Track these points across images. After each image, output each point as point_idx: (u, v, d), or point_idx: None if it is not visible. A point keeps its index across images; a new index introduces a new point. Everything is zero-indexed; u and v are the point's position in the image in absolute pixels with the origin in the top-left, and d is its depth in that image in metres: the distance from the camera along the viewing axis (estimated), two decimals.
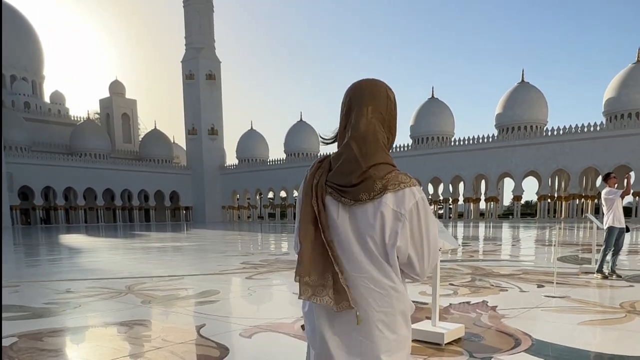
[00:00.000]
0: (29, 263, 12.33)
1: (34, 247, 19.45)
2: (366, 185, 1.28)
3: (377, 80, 1.41)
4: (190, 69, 70.68)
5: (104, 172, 62.55)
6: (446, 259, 10.66)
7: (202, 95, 70.50)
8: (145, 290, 6.97)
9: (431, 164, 53.95)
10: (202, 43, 69.91)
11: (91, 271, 9.53)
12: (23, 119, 63.54)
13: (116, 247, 18.08)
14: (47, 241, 23.58)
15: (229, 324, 4.78)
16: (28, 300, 6.40)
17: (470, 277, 7.76)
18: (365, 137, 1.33)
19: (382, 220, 1.28)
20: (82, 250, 16.52)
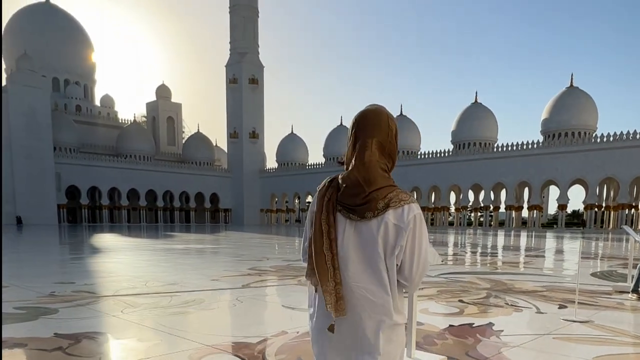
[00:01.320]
0: (40, 262, 12.21)
1: (59, 245, 19.65)
2: (370, 206, 1.48)
3: (381, 112, 1.58)
4: (234, 74, 71.36)
5: (147, 173, 63.90)
6: (466, 271, 9.83)
7: (244, 99, 71.01)
8: (130, 296, 6.53)
9: (472, 170, 52.28)
10: (246, 48, 70.49)
11: (95, 272, 9.24)
12: (73, 122, 65.72)
13: (140, 247, 17.97)
14: (78, 240, 23.90)
15: (185, 342, 4.21)
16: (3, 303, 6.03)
17: (486, 293, 6.94)
18: (368, 167, 1.53)
19: (385, 234, 1.48)
20: (104, 250, 16.46)
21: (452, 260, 12.77)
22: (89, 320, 5.13)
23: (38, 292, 6.88)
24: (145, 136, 70.92)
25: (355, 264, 1.50)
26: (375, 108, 1.58)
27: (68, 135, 61.82)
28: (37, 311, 5.55)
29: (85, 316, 5.34)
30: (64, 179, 57.10)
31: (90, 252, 15.97)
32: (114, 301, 6.21)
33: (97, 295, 6.67)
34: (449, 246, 20.07)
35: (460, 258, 13.73)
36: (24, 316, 5.29)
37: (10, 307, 5.70)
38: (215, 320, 5.47)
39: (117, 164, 62.15)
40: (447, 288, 7.43)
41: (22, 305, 5.84)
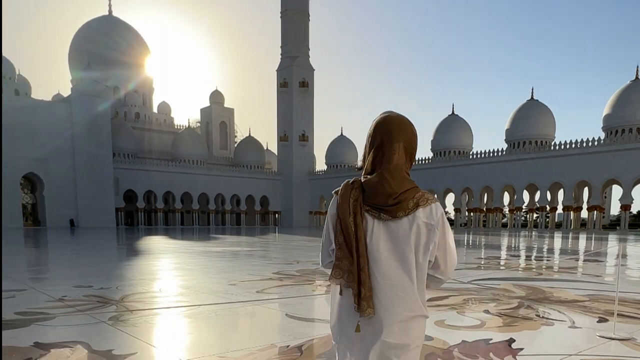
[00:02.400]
0: (71, 264, 12.33)
1: (103, 247, 20.05)
2: (402, 206, 1.57)
3: (404, 118, 1.68)
4: (285, 77, 71.84)
5: (200, 177, 65.30)
6: (503, 276, 9.03)
7: (294, 102, 71.33)
8: (134, 302, 6.28)
9: (527, 169, 50.07)
10: (296, 52, 70.82)
11: (117, 276, 9.13)
12: (132, 128, 68.14)
13: (178, 250, 18.03)
14: (124, 242, 24.38)
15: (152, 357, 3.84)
16: (7, 307, 5.91)
17: (517, 303, 6.22)
18: (395, 169, 1.61)
19: (417, 231, 1.57)
20: (141, 253, 16.58)
21: (491, 264, 11.92)
22: (77, 328, 4.87)
23: (51, 296, 6.75)
24: (198, 141, 72.55)
25: (386, 262, 1.57)
26: (397, 114, 1.67)
27: (126, 142, 64.12)
28: (35, 317, 5.36)
29: (78, 323, 5.09)
30: (122, 184, 59.22)
31: (126, 255, 16.14)
32: (117, 307, 5.97)
33: (105, 300, 6.45)
34: (494, 249, 19.00)
35: (500, 261, 12.82)
36: (19, 323, 5.10)
37: (12, 312, 5.56)
38: (197, 332, 5.09)
39: (172, 168, 63.89)
40: (475, 296, 6.76)
41: (25, 311, 5.68)
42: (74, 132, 54.76)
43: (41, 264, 12.61)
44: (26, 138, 51.30)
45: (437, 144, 62.32)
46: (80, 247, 20.08)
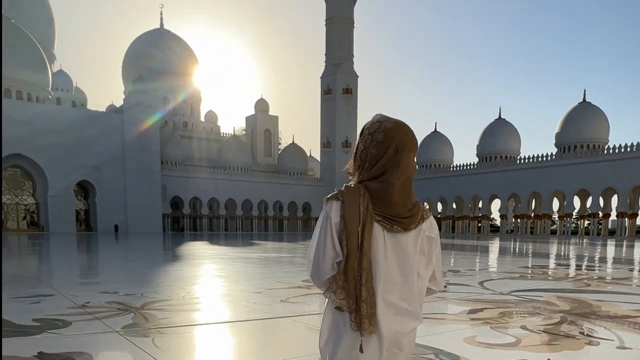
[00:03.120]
0: (105, 269, 12.40)
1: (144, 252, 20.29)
2: (414, 218, 1.54)
3: (410, 127, 1.60)
4: (329, 84, 71.97)
5: (243, 184, 66.08)
6: (546, 287, 8.36)
7: (337, 109, 71.27)
8: (154, 310, 6.09)
9: (578, 174, 47.93)
10: (341, 58, 70.84)
11: (146, 281, 9.03)
12: (180, 137, 69.77)
13: (215, 256, 18.01)
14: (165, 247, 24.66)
15: None
16: (28, 313, 5.83)
17: (560, 318, 5.64)
18: (409, 179, 1.55)
19: (422, 244, 1.56)
20: (179, 258, 16.62)
21: (536, 273, 11.18)
22: (87, 338, 4.69)
23: (74, 302, 6.67)
24: (243, 148, 73.49)
25: (393, 275, 1.52)
26: (404, 123, 1.56)
27: (174, 150, 65.66)
28: (50, 324, 5.23)
29: (89, 332, 4.92)
30: (169, 190, 60.62)
31: (163, 260, 16.19)
32: (134, 315, 5.79)
33: (126, 307, 6.30)
34: (540, 257, 18.01)
35: (546, 271, 12.02)
36: (32, 330, 4.97)
37: (30, 318, 5.47)
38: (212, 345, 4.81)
39: (217, 175, 64.97)
40: (514, 309, 6.21)
41: (43, 317, 5.58)
42: (125, 141, 56.54)
43: (77, 269, 12.77)
44: (81, 147, 53.33)
45: (483, 148, 60.69)
46: (120, 252, 20.42)
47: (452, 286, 8.37)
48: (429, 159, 66.23)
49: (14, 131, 49.14)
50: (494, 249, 25.08)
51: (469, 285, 8.47)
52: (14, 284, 9.09)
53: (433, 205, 64.68)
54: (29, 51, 55.75)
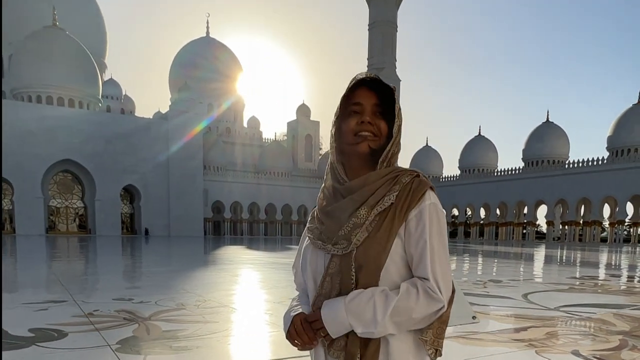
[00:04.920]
0: (127, 274, 12.12)
1: (171, 256, 20.13)
2: None
3: None
4: None
5: (284, 189, 66.13)
6: (600, 302, 7.39)
7: None
8: (161, 321, 5.59)
9: (632, 179, 45.53)
10: (383, 63, 70.08)
11: (164, 288, 8.60)
12: (222, 142, 70.54)
13: (247, 261, 17.61)
14: (198, 251, 24.53)
15: None
16: (27, 322, 5.45)
17: (619, 341, 4.78)
18: None
19: None
20: (209, 263, 16.32)
21: (586, 285, 10.11)
22: (76, 353, 4.23)
23: (83, 310, 6.28)
24: (284, 154, 73.58)
25: None
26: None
27: (216, 155, 66.39)
28: (44, 336, 4.81)
29: (82, 346, 4.46)
30: (211, 195, 61.29)
31: (193, 264, 15.83)
32: (138, 327, 5.31)
33: (133, 317, 5.85)
34: (591, 267, 16.67)
35: (598, 282, 10.89)
36: (22, 342, 4.55)
37: (27, 328, 5.07)
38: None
39: (257, 180, 65.23)
40: (562, 329, 5.37)
41: (41, 327, 5.18)
42: (170, 147, 57.54)
43: (102, 273, 12.56)
44: (128, 153, 54.66)
45: (529, 152, 58.47)
46: (154, 256, 20.32)
47: (493, 299, 7.56)
48: (473, 164, 64.31)
49: (65, 138, 50.92)
50: (540, 257, 23.68)
51: (512, 298, 7.64)
52: (32, 288, 8.87)
53: (476, 211, 62.69)
54: (82, 61, 57.72)
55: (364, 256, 1.20)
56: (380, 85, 1.29)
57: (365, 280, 1.20)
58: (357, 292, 1.19)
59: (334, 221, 1.26)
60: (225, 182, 62.80)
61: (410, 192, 1.21)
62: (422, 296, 1.16)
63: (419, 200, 1.21)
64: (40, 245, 27.21)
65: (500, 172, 61.65)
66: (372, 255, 1.20)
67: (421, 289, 1.17)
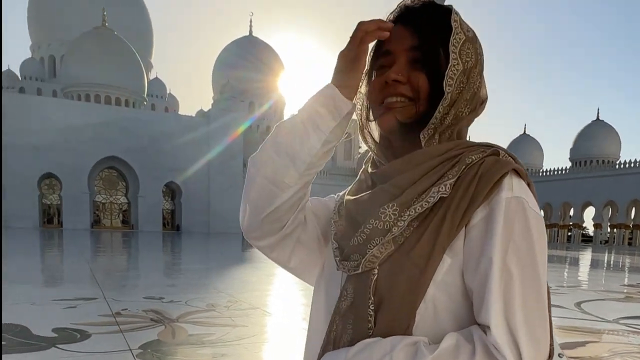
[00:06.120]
0: (158, 272, 12.03)
1: (209, 253, 20.11)
2: None
3: None
4: None
5: (322, 187, 65.29)
6: None
7: None
8: (188, 324, 5.33)
9: None
10: None
11: (198, 287, 8.40)
12: (262, 140, 70.73)
13: None
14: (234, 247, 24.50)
15: None
16: (53, 320, 5.29)
17: None
18: None
19: None
20: (246, 260, 16.13)
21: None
22: (94, 357, 3.99)
23: (111, 308, 6.10)
24: None
25: None
26: None
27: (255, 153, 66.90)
28: (67, 337, 4.61)
29: (102, 350, 4.22)
30: None
31: (229, 262, 15.68)
32: (164, 328, 5.06)
33: (160, 317, 5.61)
34: None
35: None
36: (43, 344, 4.35)
37: (50, 328, 4.89)
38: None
39: None
40: (627, 345, 4.79)
41: (65, 327, 4.98)
42: (211, 145, 58.30)
43: (138, 269, 12.55)
44: (170, 150, 55.71)
45: (577, 152, 56.23)
46: (189, 252, 20.37)
47: None
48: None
49: (111, 135, 52.34)
50: (586, 261, 22.47)
51: (563, 307, 7.01)
52: (66, 283, 8.86)
53: None
54: (129, 61, 59.48)
55: (387, 283, 0.74)
56: (429, 17, 0.80)
57: (388, 323, 0.73)
58: (366, 342, 0.73)
59: (351, 221, 0.81)
60: None
61: (476, 178, 0.72)
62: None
63: (491, 192, 0.71)
64: (84, 239, 27.87)
65: (545, 172, 59.56)
66: (400, 283, 0.72)
67: (480, 347, 0.66)
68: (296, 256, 0.94)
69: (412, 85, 0.79)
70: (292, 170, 0.81)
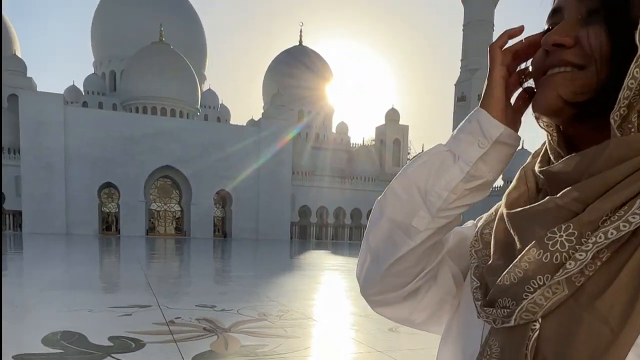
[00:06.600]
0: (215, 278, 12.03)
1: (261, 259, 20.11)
2: None
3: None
4: (463, 91, 69.40)
5: (370, 193, 65.37)
6: None
7: None
8: (241, 334, 5.21)
9: None
10: (477, 64, 67.91)
11: (249, 295, 8.31)
12: (310, 148, 71.32)
13: (336, 266, 17.14)
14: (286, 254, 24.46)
15: None
16: (109, 329, 5.30)
17: None
18: None
19: None
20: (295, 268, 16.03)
21: None
22: None
23: (165, 316, 6.09)
24: (371, 159, 72.88)
25: None
26: None
27: (304, 160, 67.12)
28: (122, 346, 4.58)
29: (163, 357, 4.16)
30: (298, 200, 62.05)
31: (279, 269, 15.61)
32: (217, 339, 4.96)
33: (213, 326, 5.53)
34: None
35: None
36: (101, 351, 4.34)
37: (107, 336, 4.89)
38: None
39: (344, 185, 65.25)
40: None
41: (121, 335, 4.98)
42: (261, 153, 59.08)
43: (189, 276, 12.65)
44: (223, 159, 56.85)
45: None
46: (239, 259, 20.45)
47: None
48: None
49: (166, 145, 54.03)
50: None
51: None
52: (122, 289, 8.98)
53: None
54: (184, 74, 61.50)
55: (556, 345, 0.48)
56: None
57: None
58: None
59: (501, 249, 0.59)
60: (312, 187, 63.33)
61: None
62: None
63: None
64: (139, 246, 28.68)
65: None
66: (578, 346, 0.46)
67: None
68: (424, 311, 0.70)
69: (582, 47, 0.53)
70: (423, 211, 0.61)
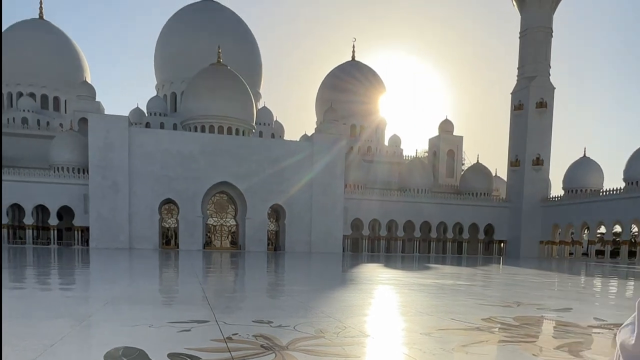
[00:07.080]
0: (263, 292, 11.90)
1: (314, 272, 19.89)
2: None
3: None
4: (520, 99, 67.59)
5: (423, 205, 64.41)
6: None
7: (529, 124, 65.92)
8: (299, 352, 5.02)
9: None
10: (535, 71, 65.93)
11: (305, 310, 8.13)
12: (363, 161, 71.21)
13: (390, 280, 16.70)
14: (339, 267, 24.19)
15: None
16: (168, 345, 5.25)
17: None
18: None
19: None
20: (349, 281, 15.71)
21: None
22: None
23: (223, 332, 5.99)
24: (424, 170, 71.88)
25: None
26: None
27: (356, 173, 67.09)
28: None
29: None
30: (350, 212, 61.89)
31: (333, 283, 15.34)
32: (275, 357, 4.79)
33: (270, 344, 5.36)
34: None
35: None
36: None
37: (166, 353, 4.82)
38: None
39: (397, 197, 64.48)
40: None
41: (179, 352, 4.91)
42: (314, 167, 59.53)
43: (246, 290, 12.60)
44: (277, 174, 57.78)
45: (632, 172, 50.76)
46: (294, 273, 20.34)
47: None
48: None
49: (223, 162, 55.52)
50: None
51: None
52: (181, 304, 9.02)
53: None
54: (240, 93, 63.54)
55: None
56: None
57: None
58: None
59: None
60: (364, 200, 63.01)
61: None
62: None
63: None
64: (197, 260, 29.28)
65: None
66: None
67: None
68: None
69: None
70: None
